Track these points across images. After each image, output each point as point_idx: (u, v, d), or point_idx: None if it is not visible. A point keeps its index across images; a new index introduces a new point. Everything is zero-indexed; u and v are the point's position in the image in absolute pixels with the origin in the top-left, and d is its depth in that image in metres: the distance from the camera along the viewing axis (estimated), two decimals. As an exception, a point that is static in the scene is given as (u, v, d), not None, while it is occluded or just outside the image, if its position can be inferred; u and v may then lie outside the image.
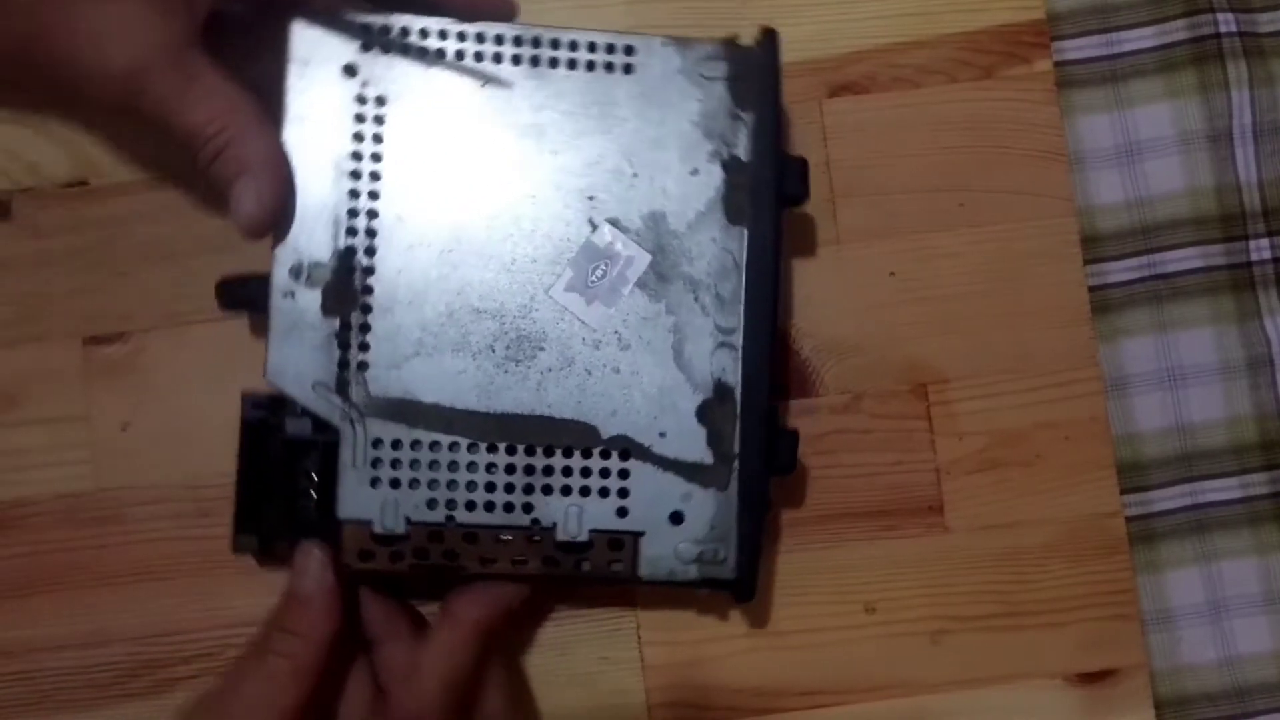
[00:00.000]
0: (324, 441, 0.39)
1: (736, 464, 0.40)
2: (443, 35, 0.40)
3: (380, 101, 0.40)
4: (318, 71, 0.40)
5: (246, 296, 0.41)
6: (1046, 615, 0.47)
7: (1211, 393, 0.49)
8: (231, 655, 0.44)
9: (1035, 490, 0.47)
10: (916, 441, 0.47)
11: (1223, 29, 0.49)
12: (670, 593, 0.40)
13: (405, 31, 0.40)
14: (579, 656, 0.46)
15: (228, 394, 0.40)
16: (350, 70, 0.40)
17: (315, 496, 0.39)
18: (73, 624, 0.45)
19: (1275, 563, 0.48)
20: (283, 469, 0.39)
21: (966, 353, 0.48)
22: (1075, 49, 0.49)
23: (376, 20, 0.40)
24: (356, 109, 0.40)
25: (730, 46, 0.41)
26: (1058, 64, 0.49)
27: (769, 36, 0.42)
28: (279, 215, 0.39)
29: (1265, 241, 0.49)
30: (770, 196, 0.41)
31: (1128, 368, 0.49)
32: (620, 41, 0.41)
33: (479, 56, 0.40)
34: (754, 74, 0.41)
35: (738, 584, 0.40)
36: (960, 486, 0.47)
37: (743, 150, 0.41)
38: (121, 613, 0.45)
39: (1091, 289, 0.48)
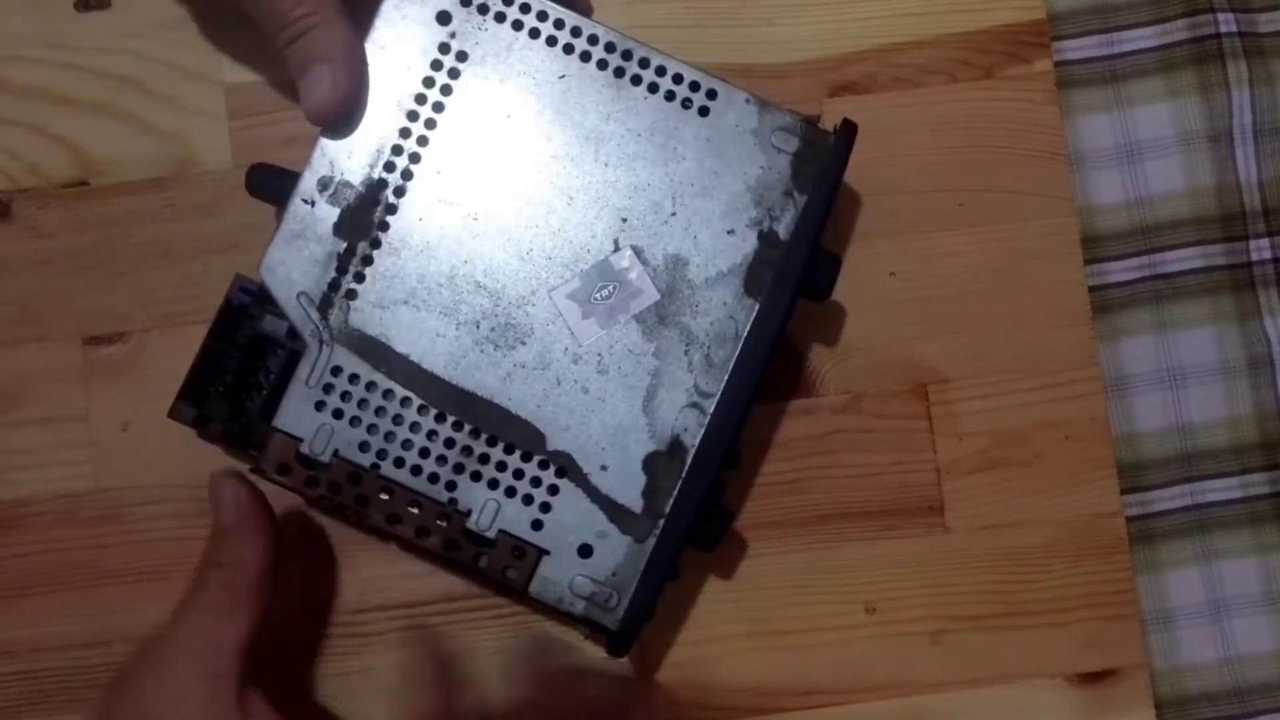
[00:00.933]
0: (291, 349, 0.40)
1: (662, 523, 0.39)
2: (541, 17, 0.40)
3: (461, 57, 0.40)
4: (412, 8, 0.40)
5: (270, 187, 0.41)
6: (1046, 615, 0.47)
7: (1211, 393, 0.49)
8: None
9: (1035, 490, 0.47)
10: (916, 441, 0.47)
11: (1223, 29, 0.49)
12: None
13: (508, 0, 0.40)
14: (579, 655, 0.46)
15: (228, 394, 0.40)
16: (444, 18, 0.40)
17: (263, 395, 0.40)
18: (73, 624, 0.45)
19: (1275, 563, 0.48)
20: (244, 357, 0.40)
21: (966, 353, 0.48)
22: (1075, 49, 0.49)
23: None
24: (436, 56, 0.40)
25: (808, 126, 0.41)
26: (1058, 64, 0.49)
27: (847, 130, 0.41)
28: (348, 109, 0.39)
29: (1265, 241, 0.49)
30: (794, 281, 0.40)
31: (1128, 368, 0.49)
32: (706, 83, 0.40)
33: (569, 49, 0.40)
34: (821, 160, 0.41)
35: (617, 636, 0.40)
36: (960, 486, 0.47)
37: (784, 229, 0.40)
38: (121, 612, 0.45)
39: (1091, 289, 0.48)
